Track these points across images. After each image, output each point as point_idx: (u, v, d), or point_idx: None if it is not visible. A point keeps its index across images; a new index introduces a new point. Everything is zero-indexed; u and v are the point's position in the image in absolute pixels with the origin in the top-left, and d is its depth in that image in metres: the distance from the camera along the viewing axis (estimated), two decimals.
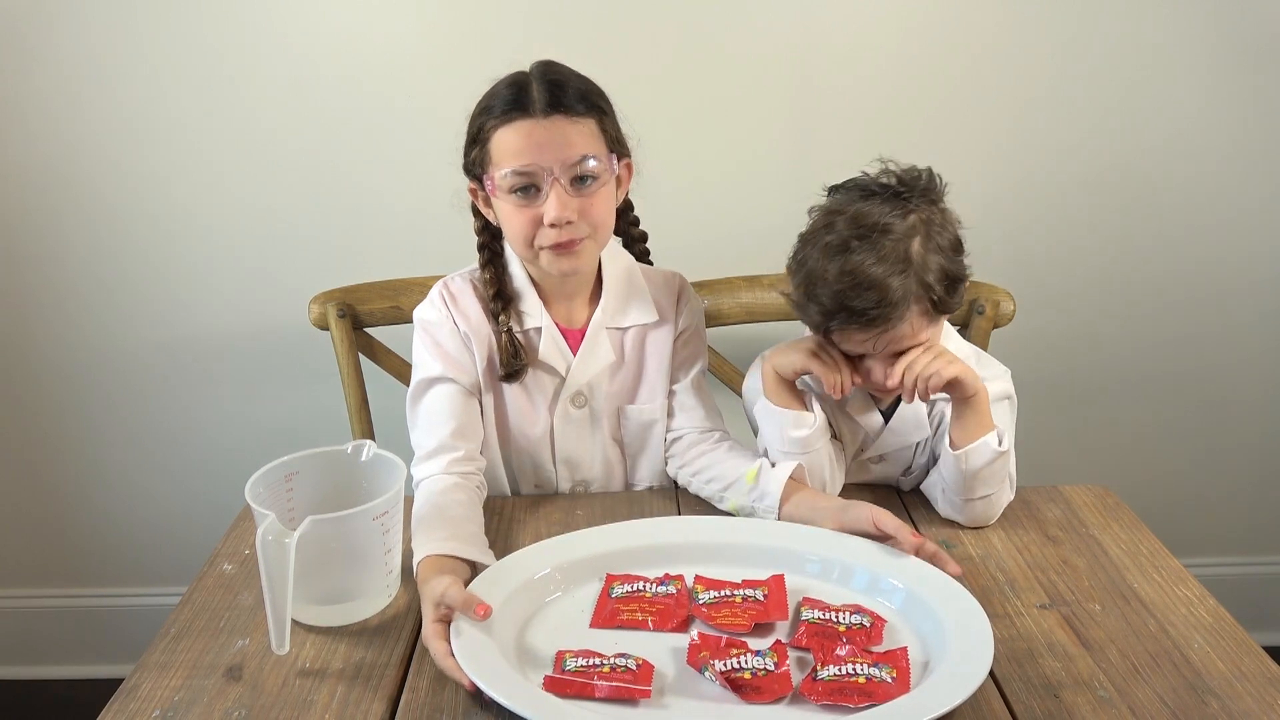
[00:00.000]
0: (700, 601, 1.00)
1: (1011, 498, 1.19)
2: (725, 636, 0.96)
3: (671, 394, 1.32)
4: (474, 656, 0.88)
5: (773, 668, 0.90)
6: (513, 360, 1.23)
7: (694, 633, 0.96)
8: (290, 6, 1.67)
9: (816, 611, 0.98)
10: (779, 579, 1.04)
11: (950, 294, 1.12)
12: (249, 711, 0.86)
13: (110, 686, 0.90)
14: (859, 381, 1.17)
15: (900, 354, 1.13)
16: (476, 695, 0.88)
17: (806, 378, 1.23)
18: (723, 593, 1.01)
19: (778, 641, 0.94)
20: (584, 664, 0.90)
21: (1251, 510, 2.02)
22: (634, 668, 0.90)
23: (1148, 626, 0.98)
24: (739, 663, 0.90)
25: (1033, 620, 0.99)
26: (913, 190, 1.12)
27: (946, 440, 1.16)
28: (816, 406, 1.20)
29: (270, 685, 0.90)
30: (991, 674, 0.89)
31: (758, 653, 0.92)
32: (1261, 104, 1.76)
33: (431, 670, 0.91)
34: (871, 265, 1.08)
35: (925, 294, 1.10)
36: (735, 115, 1.74)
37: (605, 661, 0.90)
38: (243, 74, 1.70)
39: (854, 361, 1.17)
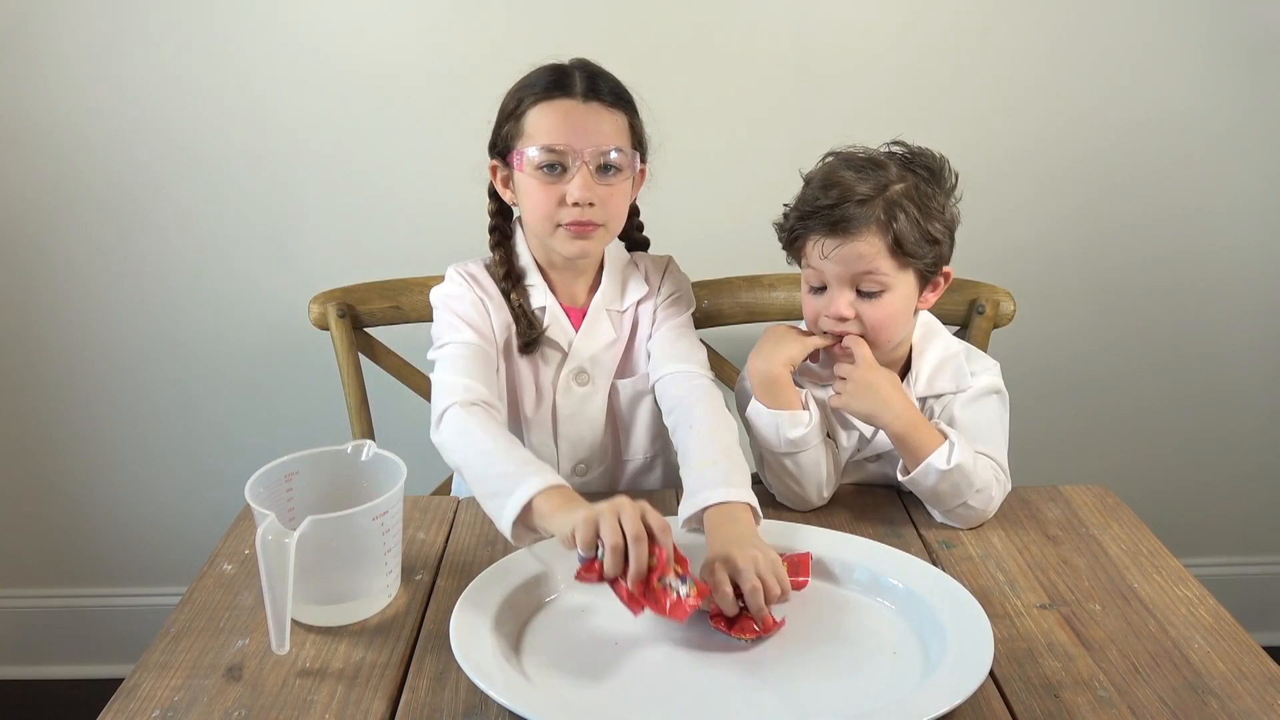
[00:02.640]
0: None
1: (1008, 489, 1.19)
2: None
3: (654, 343, 1.32)
4: (474, 656, 0.89)
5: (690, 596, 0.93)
6: (529, 330, 1.27)
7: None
8: (293, 8, 1.67)
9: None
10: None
11: (918, 243, 1.14)
12: (249, 711, 0.86)
13: (110, 686, 0.90)
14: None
15: (870, 295, 1.16)
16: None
17: (803, 376, 1.23)
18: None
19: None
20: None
21: (1251, 510, 2.02)
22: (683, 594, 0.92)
23: (1148, 626, 0.98)
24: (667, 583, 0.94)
25: (1033, 620, 0.99)
26: (928, 166, 1.18)
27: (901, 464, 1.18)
28: (813, 404, 1.20)
29: (270, 685, 0.90)
30: (991, 674, 0.89)
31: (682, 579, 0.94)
32: (1262, 103, 1.76)
33: (431, 670, 0.91)
34: (848, 176, 1.15)
35: (888, 225, 1.13)
36: (735, 115, 1.74)
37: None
38: (244, 75, 1.70)
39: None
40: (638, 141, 1.26)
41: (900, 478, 1.17)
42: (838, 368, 1.19)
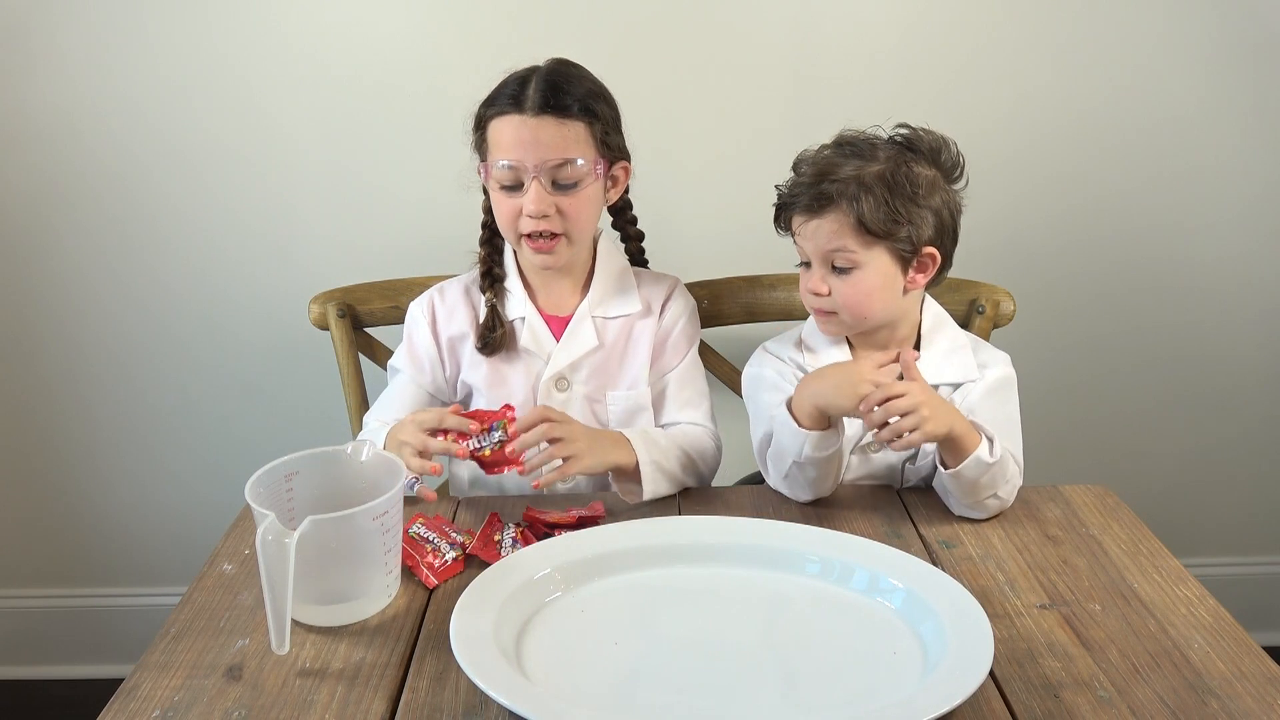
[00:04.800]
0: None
1: (1020, 482, 1.20)
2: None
3: (661, 387, 1.37)
4: (474, 656, 0.89)
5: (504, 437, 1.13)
6: (489, 332, 1.32)
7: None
8: (293, 9, 1.67)
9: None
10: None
11: (884, 222, 1.16)
12: (249, 711, 0.86)
13: (110, 686, 0.90)
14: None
15: (843, 272, 1.19)
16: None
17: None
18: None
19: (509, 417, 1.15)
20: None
21: (1251, 510, 2.02)
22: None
23: (1148, 626, 0.98)
24: (478, 441, 1.13)
25: (1033, 620, 0.99)
26: (920, 149, 1.21)
27: (937, 456, 1.17)
28: (842, 423, 1.18)
29: (270, 685, 0.90)
30: (991, 674, 0.89)
31: (491, 428, 1.13)
32: (1262, 102, 1.76)
33: (431, 670, 0.91)
34: (833, 157, 1.20)
35: (854, 205, 1.16)
36: (734, 115, 1.74)
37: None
38: (244, 75, 1.70)
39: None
40: (603, 146, 1.27)
41: (943, 470, 1.15)
42: (896, 410, 1.10)
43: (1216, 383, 1.93)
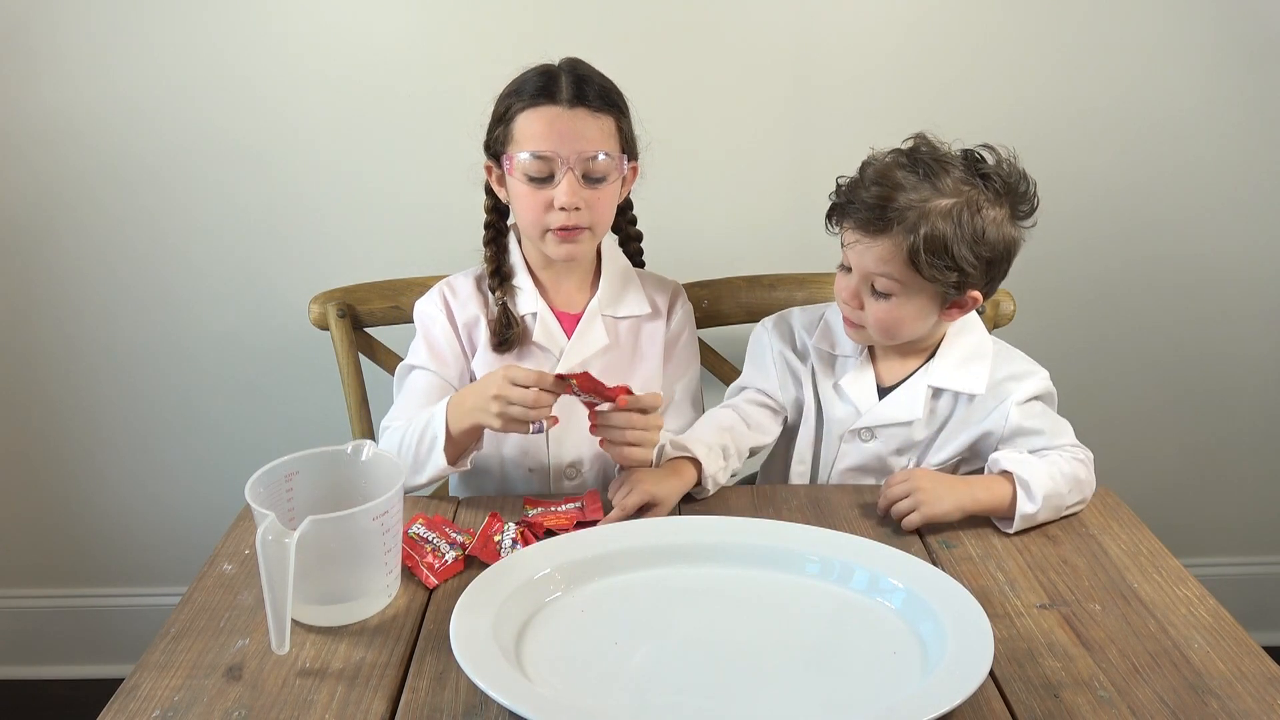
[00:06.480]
0: (529, 516, 1.15)
1: (1091, 457, 1.21)
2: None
3: (670, 395, 1.37)
4: (474, 656, 0.89)
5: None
6: (505, 329, 1.30)
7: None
8: (293, 9, 1.67)
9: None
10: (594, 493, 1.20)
11: (931, 263, 1.14)
12: (249, 711, 0.86)
13: (110, 686, 0.90)
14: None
15: (880, 295, 1.18)
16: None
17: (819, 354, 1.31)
18: (548, 509, 1.18)
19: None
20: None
21: (1251, 510, 2.02)
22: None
23: (1148, 626, 0.98)
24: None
25: (1033, 620, 0.99)
26: (994, 184, 1.16)
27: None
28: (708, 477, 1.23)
29: (270, 685, 0.90)
30: (991, 674, 0.89)
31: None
32: (1262, 103, 1.76)
33: (431, 670, 0.91)
34: (902, 178, 1.14)
35: (910, 237, 1.13)
36: (735, 116, 1.74)
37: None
38: (244, 76, 1.70)
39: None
40: (625, 143, 1.28)
41: (1010, 532, 1.15)
42: (893, 496, 1.15)
43: (1217, 382, 1.93)
